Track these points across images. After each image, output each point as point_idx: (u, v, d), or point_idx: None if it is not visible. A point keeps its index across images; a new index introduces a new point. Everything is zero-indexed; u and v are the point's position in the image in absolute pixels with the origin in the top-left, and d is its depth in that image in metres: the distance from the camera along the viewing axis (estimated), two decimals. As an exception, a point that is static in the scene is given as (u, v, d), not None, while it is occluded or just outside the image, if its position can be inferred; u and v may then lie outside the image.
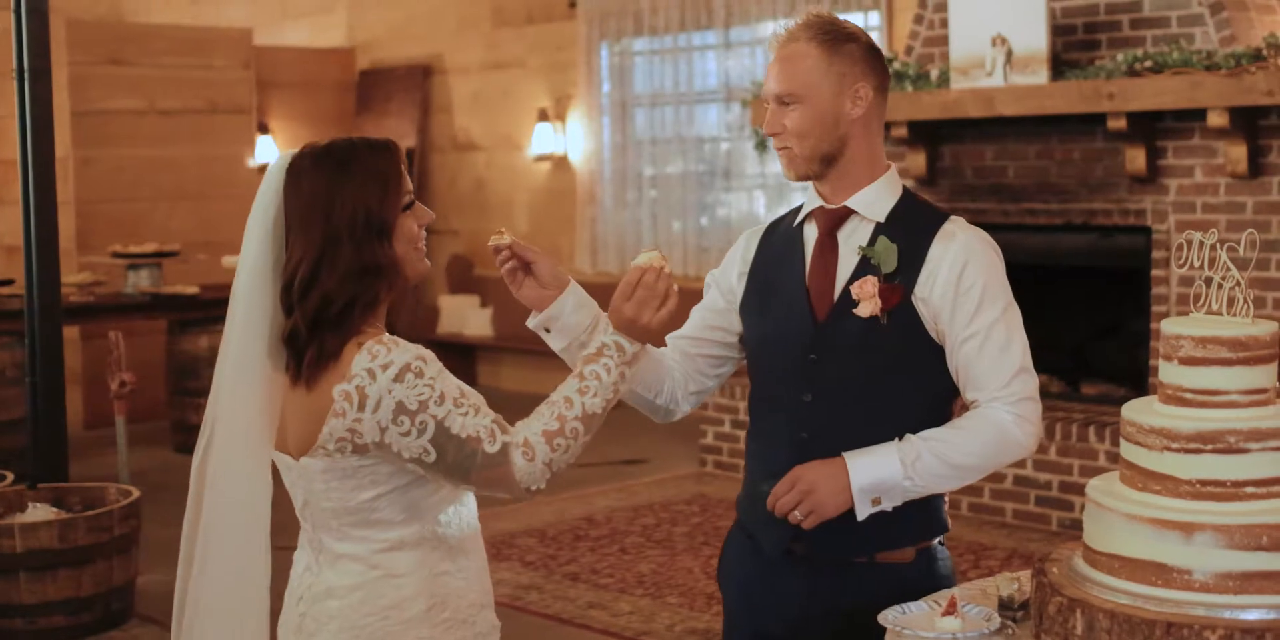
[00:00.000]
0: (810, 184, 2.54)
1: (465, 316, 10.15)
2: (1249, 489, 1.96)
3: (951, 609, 2.20)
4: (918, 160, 6.91)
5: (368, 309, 2.12)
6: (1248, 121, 5.86)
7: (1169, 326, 2.05)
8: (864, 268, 2.44)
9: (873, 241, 2.45)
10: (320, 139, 2.19)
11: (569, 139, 9.72)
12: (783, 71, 2.45)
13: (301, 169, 2.12)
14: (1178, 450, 1.98)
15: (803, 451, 2.45)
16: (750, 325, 2.58)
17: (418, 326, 10.44)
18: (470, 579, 2.24)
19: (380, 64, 10.88)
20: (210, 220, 9.56)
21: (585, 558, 5.88)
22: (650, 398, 2.56)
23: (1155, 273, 6.26)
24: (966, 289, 2.41)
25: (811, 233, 2.54)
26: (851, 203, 2.48)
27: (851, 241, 2.48)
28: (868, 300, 2.40)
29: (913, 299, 2.42)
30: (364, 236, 2.09)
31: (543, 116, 9.74)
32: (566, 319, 2.42)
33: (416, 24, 10.69)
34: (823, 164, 2.46)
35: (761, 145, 7.64)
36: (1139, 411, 2.06)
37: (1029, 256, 6.84)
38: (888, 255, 2.41)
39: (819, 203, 2.52)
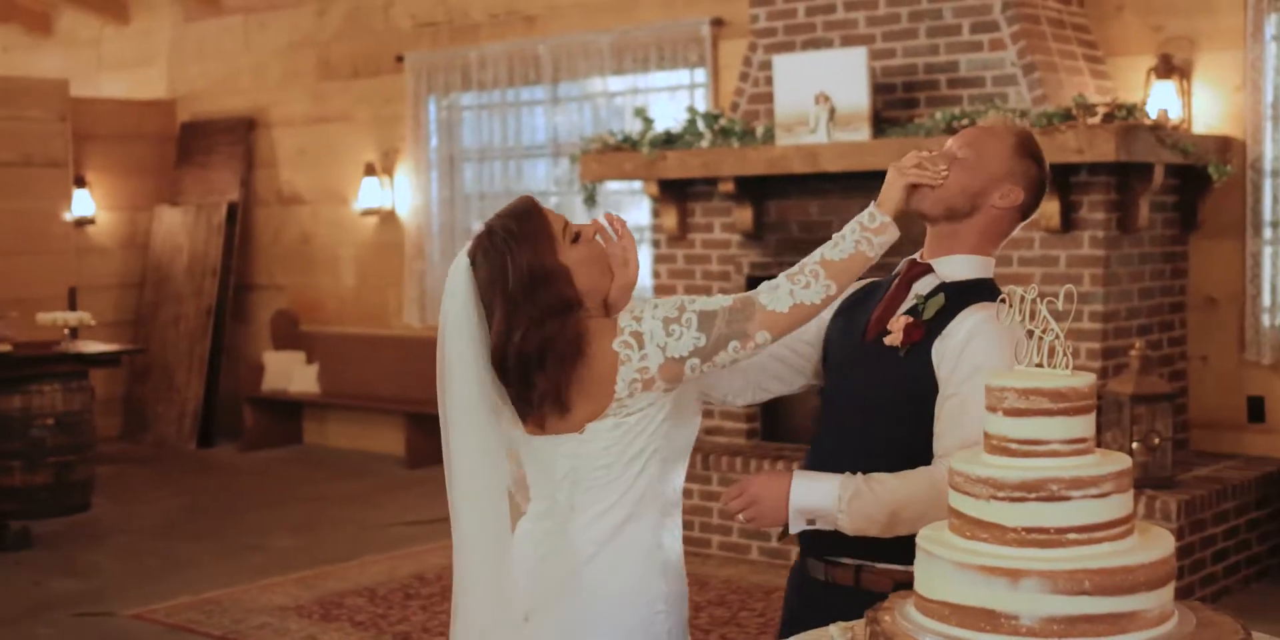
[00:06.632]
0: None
1: (291, 372, 9.97)
2: (1071, 535, 2.01)
3: (787, 660, 2.21)
4: (744, 215, 7.00)
5: (568, 328, 2.50)
6: (1061, 178, 6.06)
7: (994, 379, 2.10)
8: (912, 311, 2.71)
9: (932, 294, 2.70)
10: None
11: (396, 193, 9.66)
12: (977, 136, 2.75)
13: (477, 265, 2.55)
14: (1004, 499, 2.02)
15: (814, 442, 2.82)
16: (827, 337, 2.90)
17: (241, 384, 10.23)
18: None
19: (202, 116, 10.71)
20: (24, 276, 9.29)
21: (416, 617, 5.79)
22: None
23: (975, 324, 6.39)
24: (968, 357, 2.58)
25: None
26: (936, 261, 2.76)
27: (918, 291, 2.75)
28: (896, 332, 2.67)
29: (932, 347, 2.63)
30: (533, 288, 2.48)
31: (370, 170, 9.67)
32: None
33: (240, 76, 10.56)
34: (945, 213, 2.73)
35: (590, 199, 7.65)
36: (967, 462, 2.10)
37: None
38: (933, 306, 2.68)
39: (916, 255, 2.81)
